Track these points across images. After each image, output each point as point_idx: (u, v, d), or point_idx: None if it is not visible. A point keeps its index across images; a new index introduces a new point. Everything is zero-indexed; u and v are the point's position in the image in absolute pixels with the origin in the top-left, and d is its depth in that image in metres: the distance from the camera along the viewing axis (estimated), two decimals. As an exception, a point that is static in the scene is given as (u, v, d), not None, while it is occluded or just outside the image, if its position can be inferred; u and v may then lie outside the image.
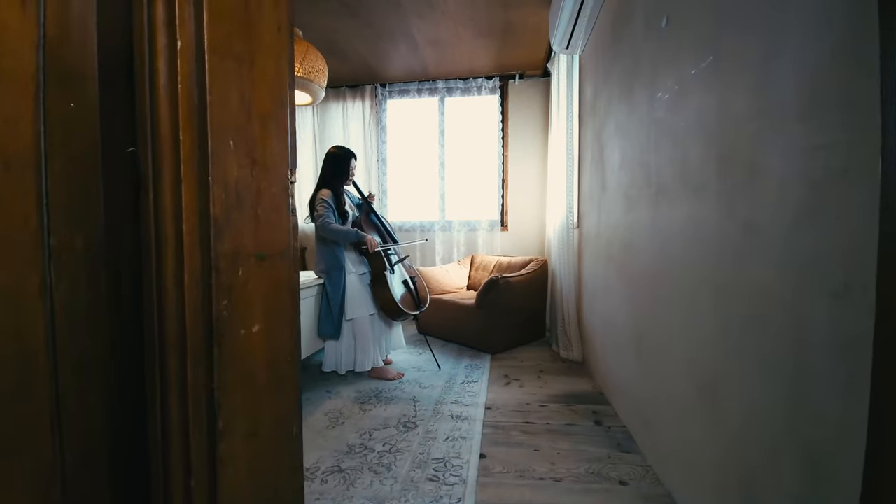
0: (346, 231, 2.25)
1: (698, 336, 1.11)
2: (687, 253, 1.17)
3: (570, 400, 2.04)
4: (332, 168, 2.42)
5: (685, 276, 1.18)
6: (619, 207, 1.80)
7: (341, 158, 2.42)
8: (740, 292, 0.92)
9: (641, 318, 1.54)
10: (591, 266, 2.40)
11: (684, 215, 1.18)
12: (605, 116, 2.04)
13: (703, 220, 1.08)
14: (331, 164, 2.43)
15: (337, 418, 1.88)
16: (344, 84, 4.02)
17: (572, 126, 2.72)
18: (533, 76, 3.84)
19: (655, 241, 1.40)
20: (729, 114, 0.97)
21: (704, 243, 1.07)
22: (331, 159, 2.43)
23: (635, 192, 1.59)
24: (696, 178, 1.12)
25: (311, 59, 2.33)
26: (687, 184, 1.16)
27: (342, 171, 2.41)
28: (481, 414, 1.89)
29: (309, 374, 2.43)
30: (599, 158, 2.16)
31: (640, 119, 1.54)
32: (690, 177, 1.15)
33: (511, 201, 3.93)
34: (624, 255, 1.75)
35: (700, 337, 1.10)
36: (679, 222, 1.21)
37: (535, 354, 2.83)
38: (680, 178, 1.21)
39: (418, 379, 2.37)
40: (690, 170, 1.15)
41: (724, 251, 0.98)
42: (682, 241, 1.20)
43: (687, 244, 1.17)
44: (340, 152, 2.43)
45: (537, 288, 3.12)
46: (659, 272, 1.36)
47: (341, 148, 2.46)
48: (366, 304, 2.38)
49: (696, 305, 1.11)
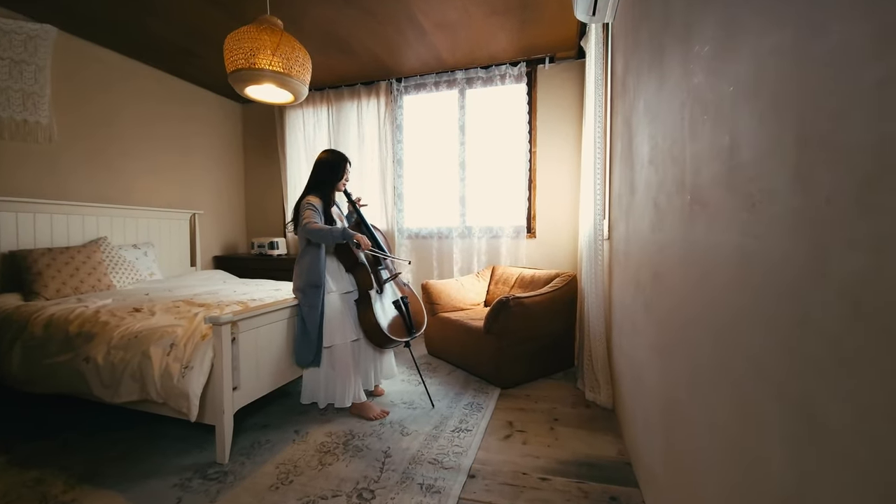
0: (332, 230, 1.95)
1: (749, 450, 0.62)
2: (736, 302, 0.68)
3: (583, 472, 1.55)
4: (324, 174, 2.15)
5: (734, 340, 0.69)
6: (647, 220, 1.29)
7: (334, 164, 2.15)
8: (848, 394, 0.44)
9: (673, 385, 1.04)
10: (619, 291, 1.87)
11: (732, 242, 0.69)
12: (635, 96, 1.53)
13: (766, 253, 0.59)
14: (324, 170, 2.15)
15: (287, 474, 1.56)
16: (359, 82, 3.76)
17: (600, 112, 2.19)
18: (566, 58, 3.31)
19: (690, 276, 0.90)
20: (819, 53, 0.49)
21: (767, 294, 0.58)
22: (323, 167, 2.16)
23: (665, 200, 1.09)
24: (751, 179, 0.63)
25: (285, 51, 2.05)
26: (736, 189, 0.68)
27: (336, 177, 2.15)
28: (459, 486, 1.47)
29: (283, 408, 2.16)
30: (629, 151, 1.64)
31: (671, 92, 1.04)
32: (742, 177, 0.66)
33: (539, 205, 3.43)
34: (652, 288, 1.24)
35: (754, 454, 0.61)
36: (723, 250, 0.72)
37: (555, 392, 2.33)
38: (725, 180, 0.72)
39: (404, 420, 2.00)
40: (742, 165, 0.66)
41: (811, 311, 0.50)
42: (726, 283, 0.71)
43: (735, 289, 0.68)
44: (333, 157, 2.16)
45: (562, 309, 2.60)
46: (695, 321, 0.87)
47: (332, 152, 2.18)
48: (347, 328, 2.06)
49: (750, 402, 0.63)
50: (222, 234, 4.16)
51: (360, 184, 3.79)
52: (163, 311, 2.03)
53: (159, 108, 3.48)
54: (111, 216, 3.05)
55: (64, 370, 1.85)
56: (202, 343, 1.63)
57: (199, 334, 1.68)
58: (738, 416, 0.68)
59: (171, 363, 1.62)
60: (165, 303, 2.17)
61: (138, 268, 2.98)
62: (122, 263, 2.86)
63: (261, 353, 1.84)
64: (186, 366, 1.59)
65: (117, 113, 3.15)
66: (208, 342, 1.63)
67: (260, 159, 4.32)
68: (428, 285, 2.99)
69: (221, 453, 1.63)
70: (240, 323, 1.71)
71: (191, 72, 3.53)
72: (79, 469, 1.64)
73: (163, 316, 1.95)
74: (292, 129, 4.04)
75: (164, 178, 3.54)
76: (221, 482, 1.52)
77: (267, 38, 2.02)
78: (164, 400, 1.63)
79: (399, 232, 3.72)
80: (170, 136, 3.58)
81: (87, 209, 2.89)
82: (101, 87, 3.05)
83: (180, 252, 3.60)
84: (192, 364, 1.59)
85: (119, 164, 3.18)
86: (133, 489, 1.50)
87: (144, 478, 1.56)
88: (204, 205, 3.92)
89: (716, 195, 0.76)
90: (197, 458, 1.68)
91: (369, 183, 3.78)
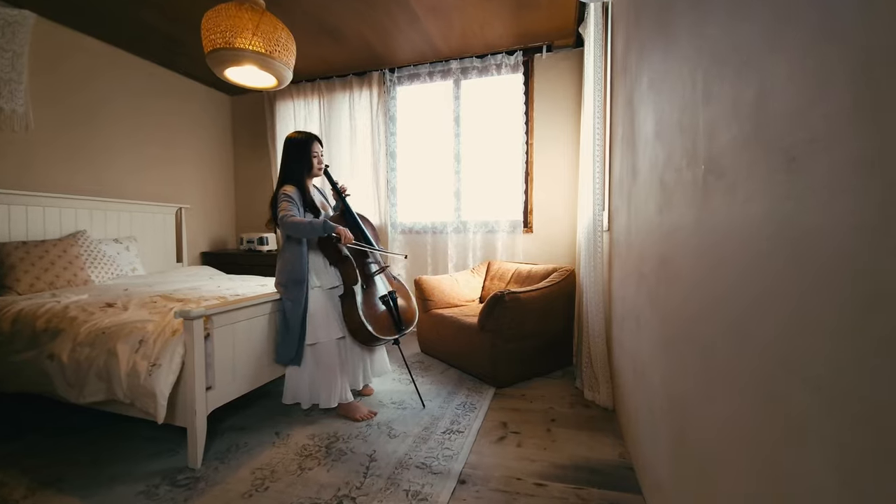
0: (312, 223, 1.84)
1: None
2: (762, 282, 0.57)
3: (581, 477, 1.44)
4: (292, 157, 2.02)
5: (760, 326, 0.58)
6: (653, 201, 1.18)
7: (301, 144, 2.01)
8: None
9: (681, 380, 0.93)
10: (620, 283, 1.76)
11: (758, 211, 0.58)
12: (638, 72, 1.42)
13: (811, 218, 0.48)
14: (290, 153, 2.02)
15: (263, 480, 1.45)
16: (350, 72, 3.64)
17: (600, 98, 2.08)
18: (563, 47, 3.20)
19: (704, 258, 0.79)
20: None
21: (810, 269, 0.47)
22: (290, 148, 2.02)
23: (673, 176, 0.98)
24: (787, 131, 0.52)
25: (266, 30, 1.93)
26: (767, 147, 0.56)
27: (305, 158, 2.00)
28: (448, 493, 1.35)
29: (265, 409, 2.04)
30: (630, 132, 1.53)
31: (680, 57, 0.93)
32: (774, 131, 0.55)
33: (536, 198, 3.32)
34: (658, 276, 1.13)
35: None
36: (747, 222, 0.61)
37: (552, 391, 2.22)
38: (751, 139, 0.61)
39: (392, 421, 1.88)
40: (774, 117, 0.55)
41: (883, 288, 0.39)
42: (751, 260, 0.60)
43: (764, 266, 0.57)
44: (299, 136, 2.03)
45: (560, 304, 2.49)
46: (709, 309, 0.76)
47: (299, 132, 2.05)
48: (333, 325, 1.95)
49: (779, 397, 0.52)
50: (210, 230, 4.04)
51: (353, 177, 3.67)
52: (137, 307, 1.91)
53: (144, 100, 3.36)
54: (91, 209, 2.92)
55: (29, 368, 1.74)
56: (172, 339, 1.52)
57: (170, 330, 1.57)
58: (763, 415, 0.57)
59: (138, 361, 1.50)
60: (142, 298, 2.05)
61: (119, 263, 2.86)
62: (102, 258, 2.74)
63: (238, 351, 1.73)
64: (154, 363, 1.47)
65: (101, 103, 3.03)
66: (178, 338, 1.51)
67: (250, 153, 4.20)
68: (421, 281, 2.88)
69: (193, 457, 1.52)
70: (214, 318, 1.59)
71: (177, 61, 3.40)
72: (43, 473, 1.52)
73: (136, 311, 1.84)
74: (283, 122, 3.92)
75: (149, 170, 3.42)
76: (191, 489, 1.40)
77: (247, 16, 1.91)
78: (130, 400, 1.51)
79: (392, 227, 3.61)
80: (155, 128, 3.45)
81: (66, 201, 2.76)
82: (84, 77, 2.92)
83: (165, 247, 3.47)
84: (160, 361, 1.47)
85: (102, 156, 3.05)
86: (96, 495, 1.38)
87: (110, 483, 1.45)
88: (191, 199, 3.79)
89: (737, 160, 0.65)
90: (168, 462, 1.57)
91: (361, 176, 3.66)
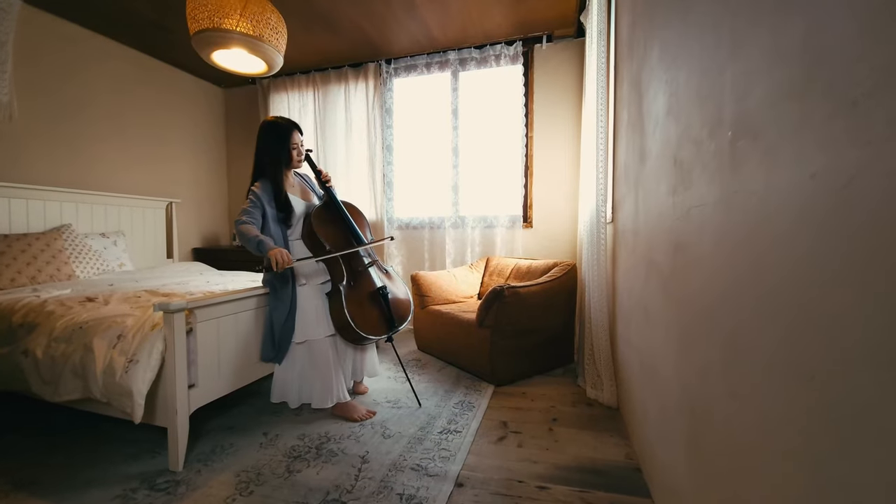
0: (251, 239, 1.67)
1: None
2: (807, 254, 0.48)
3: (586, 479, 1.36)
4: (269, 148, 1.83)
5: (801, 305, 0.49)
6: (665, 183, 1.10)
7: (279, 134, 1.83)
8: None
9: (701, 385, 0.85)
10: (625, 275, 1.68)
11: (808, 171, 0.50)
12: (646, 49, 1.33)
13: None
14: (267, 141, 1.84)
15: (248, 484, 1.36)
16: (346, 64, 3.55)
17: (602, 85, 2.00)
18: (564, 37, 3.12)
19: (730, 236, 0.71)
20: None
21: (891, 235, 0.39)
22: (266, 135, 1.84)
23: (691, 152, 0.90)
24: (853, 60, 0.43)
25: (254, 11, 1.85)
26: (824, 91, 0.48)
27: (283, 148, 1.83)
28: (444, 497, 1.27)
29: (253, 408, 1.95)
30: (637, 115, 1.45)
31: (702, 12, 0.85)
32: (832, 68, 0.46)
33: (536, 192, 3.23)
34: (672, 262, 1.05)
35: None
36: (794, 188, 0.53)
37: (553, 390, 2.14)
38: (799, 86, 0.52)
39: (387, 421, 1.79)
40: (832, 49, 0.46)
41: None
42: (795, 232, 0.51)
43: (814, 236, 0.48)
44: (277, 122, 1.86)
45: (561, 300, 2.41)
46: (735, 292, 0.68)
47: (278, 117, 1.89)
48: (324, 322, 1.85)
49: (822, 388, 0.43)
50: (202, 225, 3.94)
51: (348, 170, 3.58)
52: (119, 301, 1.82)
53: (134, 91, 3.26)
54: (77, 202, 2.83)
55: (3, 364, 1.64)
56: (151, 334, 1.43)
57: (149, 325, 1.48)
58: (805, 415, 0.49)
59: (115, 357, 1.41)
60: (126, 292, 1.96)
61: (106, 258, 2.76)
62: (87, 253, 2.64)
63: (223, 347, 1.63)
64: (131, 359, 1.38)
65: (88, 95, 2.93)
66: (158, 333, 1.42)
67: (243, 147, 4.11)
68: (418, 277, 2.80)
69: (174, 460, 1.43)
70: (197, 311, 1.50)
71: (167, 51, 3.31)
72: (16, 475, 1.44)
73: (117, 305, 1.74)
74: (277, 115, 3.82)
75: (139, 164, 3.32)
76: (171, 493, 1.31)
77: (235, -4, 1.82)
78: (107, 399, 1.42)
79: (389, 222, 3.52)
80: (145, 121, 3.36)
81: (50, 194, 2.67)
82: (71, 67, 2.82)
83: (155, 243, 3.38)
84: (138, 357, 1.38)
85: (89, 148, 2.95)
86: (70, 500, 1.29)
87: (86, 486, 1.36)
88: (182, 193, 3.70)
89: (778, 116, 0.56)
90: (148, 465, 1.48)
91: (357, 170, 3.57)
